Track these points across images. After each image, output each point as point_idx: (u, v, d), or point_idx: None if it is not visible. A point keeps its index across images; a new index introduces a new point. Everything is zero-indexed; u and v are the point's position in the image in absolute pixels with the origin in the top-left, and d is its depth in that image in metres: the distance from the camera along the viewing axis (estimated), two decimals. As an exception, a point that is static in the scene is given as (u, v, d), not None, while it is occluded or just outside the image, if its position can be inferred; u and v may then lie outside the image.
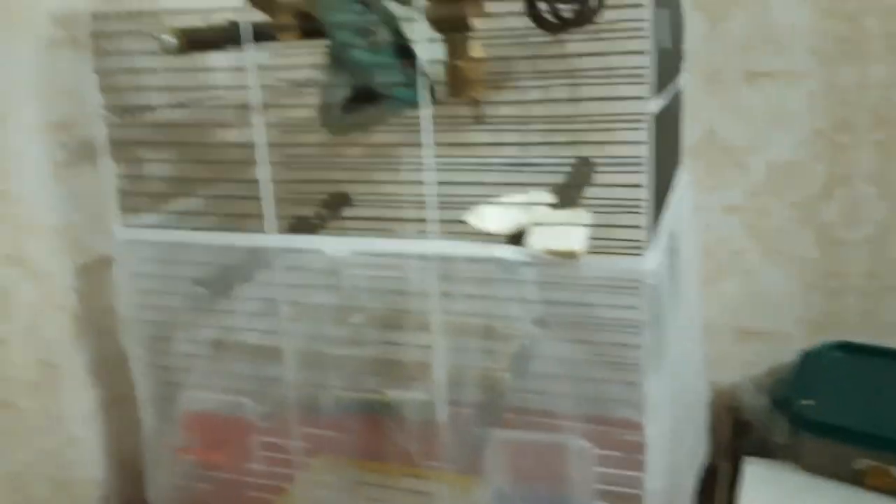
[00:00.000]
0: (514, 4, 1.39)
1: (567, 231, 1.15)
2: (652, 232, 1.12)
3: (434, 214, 1.18)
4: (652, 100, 1.07)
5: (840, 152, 1.58)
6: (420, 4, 1.23)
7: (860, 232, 1.62)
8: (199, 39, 1.26)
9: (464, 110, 1.34)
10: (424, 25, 1.13)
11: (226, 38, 1.30)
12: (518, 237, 1.17)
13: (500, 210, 1.17)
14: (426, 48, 1.16)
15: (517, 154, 1.52)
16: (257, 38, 1.22)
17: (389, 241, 1.24)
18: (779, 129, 1.60)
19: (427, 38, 1.15)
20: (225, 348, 1.38)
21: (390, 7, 1.18)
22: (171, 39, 1.23)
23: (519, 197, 1.22)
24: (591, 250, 1.12)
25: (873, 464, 1.41)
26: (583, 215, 1.17)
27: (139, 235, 1.38)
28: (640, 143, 1.07)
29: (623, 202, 1.16)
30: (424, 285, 1.21)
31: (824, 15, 1.51)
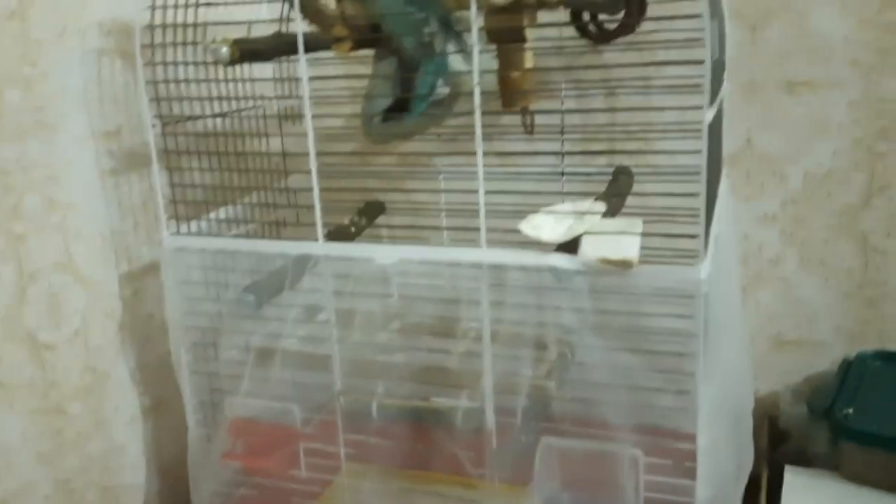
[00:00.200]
0: (560, 15, 1.41)
1: (620, 240, 1.15)
2: (705, 241, 1.13)
3: (484, 223, 1.19)
4: (708, 109, 1.08)
5: (879, 161, 1.59)
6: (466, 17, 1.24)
7: (899, 241, 1.62)
8: (251, 50, 1.28)
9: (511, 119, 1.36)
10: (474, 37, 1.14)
11: (276, 49, 1.33)
12: (570, 246, 1.18)
13: (553, 219, 1.18)
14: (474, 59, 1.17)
15: (560, 163, 1.54)
16: (308, 49, 1.23)
17: (441, 250, 1.25)
18: (817, 139, 1.61)
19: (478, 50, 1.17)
20: (271, 355, 1.39)
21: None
22: (225, 49, 1.25)
23: (570, 206, 1.22)
24: (644, 259, 1.13)
25: (917, 472, 1.41)
26: (637, 224, 1.18)
27: (188, 243, 1.39)
28: (697, 153, 1.08)
29: (676, 211, 1.17)
30: (475, 293, 1.22)
31: (864, 25, 1.52)
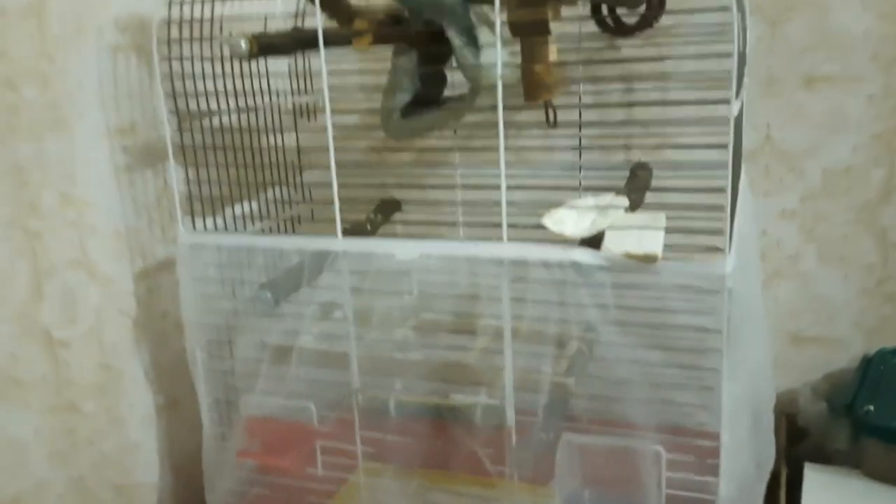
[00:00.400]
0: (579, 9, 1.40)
1: (644, 234, 1.14)
2: (730, 235, 1.12)
3: (506, 217, 1.17)
4: (735, 103, 1.07)
5: (899, 156, 1.58)
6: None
7: (918, 236, 1.61)
8: (270, 44, 1.26)
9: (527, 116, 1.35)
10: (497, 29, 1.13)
11: (295, 44, 1.31)
12: (593, 241, 1.16)
13: (577, 213, 1.17)
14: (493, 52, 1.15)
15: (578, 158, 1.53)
16: (327, 44, 1.22)
17: (462, 245, 1.23)
18: (837, 134, 1.59)
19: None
20: (287, 352, 1.38)
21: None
22: (244, 44, 1.23)
23: (593, 200, 1.21)
24: (669, 254, 1.11)
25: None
26: (660, 218, 1.17)
27: (203, 239, 1.37)
28: (723, 147, 1.07)
29: (701, 205, 1.15)
30: (495, 289, 1.21)
31: (885, 19, 1.51)
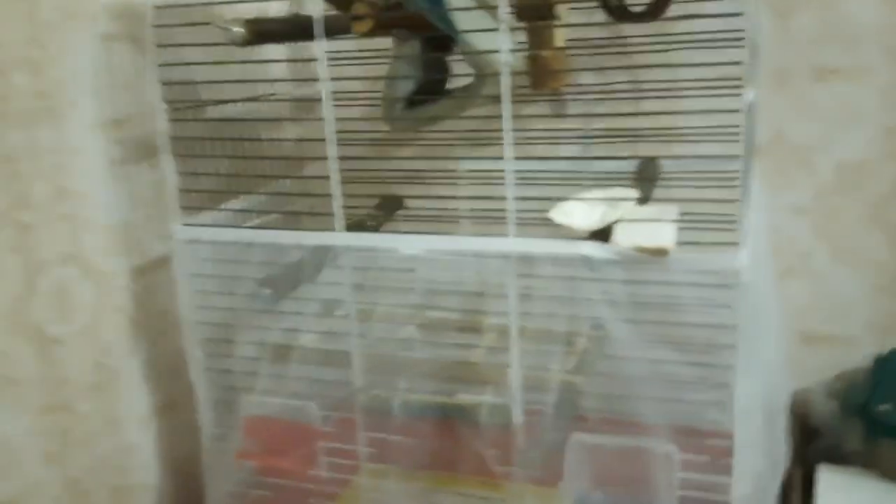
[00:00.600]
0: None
1: (655, 227, 1.11)
2: (745, 228, 1.08)
3: (513, 211, 1.14)
4: (749, 92, 1.03)
5: (912, 151, 1.54)
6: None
7: (932, 232, 1.57)
8: (267, 31, 1.23)
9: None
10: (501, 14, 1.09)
11: (293, 30, 1.28)
12: (602, 234, 1.13)
13: (586, 206, 1.13)
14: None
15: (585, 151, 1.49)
16: (326, 30, 1.19)
17: (467, 239, 1.20)
18: (848, 128, 1.56)
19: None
20: (288, 351, 1.34)
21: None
22: (239, 30, 1.20)
23: (602, 193, 1.18)
24: (680, 248, 1.08)
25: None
26: (672, 211, 1.13)
27: (200, 234, 1.34)
28: (736, 137, 1.04)
29: (712, 199, 1.12)
30: (502, 285, 1.17)
31: (897, 10, 1.48)
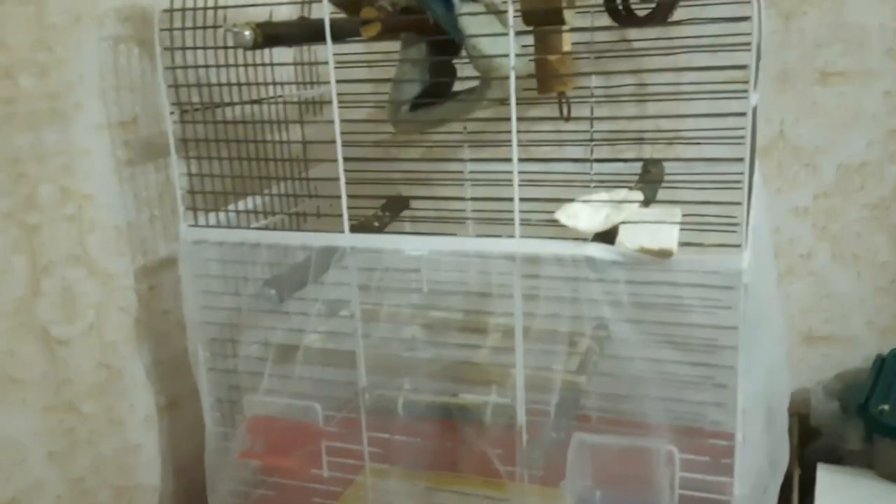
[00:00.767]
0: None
1: (659, 228, 1.11)
2: (747, 230, 1.09)
3: (518, 212, 1.14)
4: (753, 94, 1.04)
5: (914, 153, 1.55)
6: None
7: (933, 234, 1.58)
8: (276, 34, 1.24)
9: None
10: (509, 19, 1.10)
11: (301, 33, 1.29)
12: (607, 236, 1.14)
13: (590, 207, 1.14)
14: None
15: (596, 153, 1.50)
16: (334, 34, 1.19)
17: (473, 240, 1.20)
18: (851, 130, 1.56)
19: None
20: (292, 351, 1.35)
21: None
22: (247, 33, 1.20)
23: (606, 195, 1.18)
24: (683, 249, 1.09)
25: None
26: (675, 213, 1.14)
27: (206, 235, 1.34)
28: (740, 140, 1.04)
29: (715, 201, 1.12)
30: (507, 286, 1.18)
31: (901, 13, 1.49)
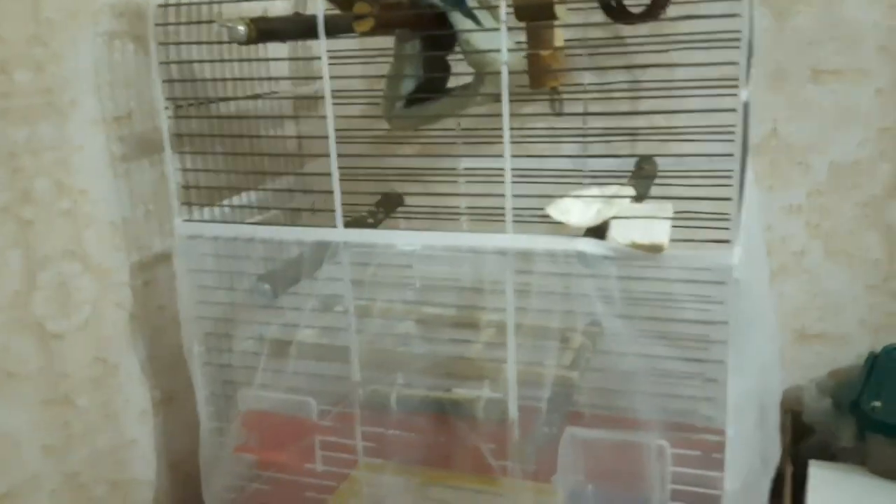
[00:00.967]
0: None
1: (650, 224, 1.12)
2: (738, 225, 1.10)
3: (510, 207, 1.15)
4: (745, 90, 1.04)
5: (906, 151, 1.55)
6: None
7: (925, 232, 1.59)
8: (270, 29, 1.24)
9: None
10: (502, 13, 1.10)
11: (296, 29, 1.29)
12: (598, 231, 1.14)
13: (582, 203, 1.14)
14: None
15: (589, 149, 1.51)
16: (328, 29, 1.20)
17: (465, 236, 1.21)
18: (844, 128, 1.57)
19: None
20: (286, 346, 1.35)
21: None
22: (242, 28, 1.21)
23: (598, 190, 1.19)
24: (675, 244, 1.09)
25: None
26: (667, 208, 1.14)
27: (201, 230, 1.35)
28: (731, 135, 1.05)
29: (707, 197, 1.13)
30: (500, 281, 1.19)
31: (894, 11, 1.49)
